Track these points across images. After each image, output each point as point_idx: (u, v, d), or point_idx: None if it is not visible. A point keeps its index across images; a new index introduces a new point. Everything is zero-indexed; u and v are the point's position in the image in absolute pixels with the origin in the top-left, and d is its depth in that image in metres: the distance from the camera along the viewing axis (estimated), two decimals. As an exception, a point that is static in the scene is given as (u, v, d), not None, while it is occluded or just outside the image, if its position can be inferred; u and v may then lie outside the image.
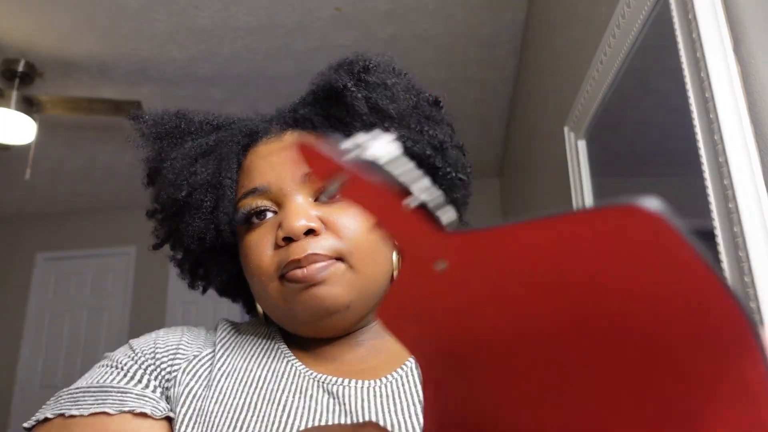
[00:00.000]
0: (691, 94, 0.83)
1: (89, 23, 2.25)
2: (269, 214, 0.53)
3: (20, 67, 2.42)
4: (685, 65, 0.85)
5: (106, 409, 0.46)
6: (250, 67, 2.59)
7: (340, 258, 0.49)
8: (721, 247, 0.76)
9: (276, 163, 0.54)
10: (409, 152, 0.54)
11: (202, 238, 0.56)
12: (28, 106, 2.48)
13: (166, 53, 2.46)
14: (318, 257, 0.48)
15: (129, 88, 2.69)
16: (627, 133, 1.33)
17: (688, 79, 0.84)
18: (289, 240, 0.50)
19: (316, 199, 0.52)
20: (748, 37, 0.75)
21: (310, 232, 0.49)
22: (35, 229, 4.25)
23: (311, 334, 0.53)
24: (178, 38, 2.36)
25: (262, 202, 0.52)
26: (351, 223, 0.51)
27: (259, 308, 0.58)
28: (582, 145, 1.50)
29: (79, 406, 0.46)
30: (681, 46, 0.86)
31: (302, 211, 0.50)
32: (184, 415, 0.47)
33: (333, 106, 0.56)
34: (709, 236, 0.78)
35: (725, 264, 0.75)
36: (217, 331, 0.57)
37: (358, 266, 0.50)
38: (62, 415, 0.46)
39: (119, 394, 0.47)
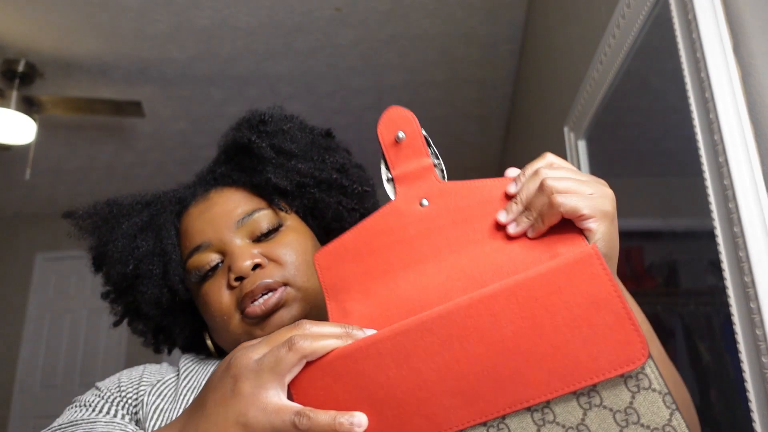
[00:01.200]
0: (690, 94, 0.83)
1: (89, 23, 2.25)
2: (219, 264, 0.60)
3: (20, 67, 2.42)
4: (684, 65, 0.85)
5: None
6: (250, 67, 2.59)
7: (286, 283, 0.57)
8: (721, 248, 0.76)
9: (210, 219, 0.61)
10: (318, 179, 0.64)
11: (158, 302, 0.62)
12: (28, 106, 2.48)
13: (166, 53, 2.46)
14: (269, 285, 0.56)
15: (129, 88, 2.69)
16: (627, 133, 1.33)
17: (687, 80, 0.84)
18: (240, 279, 0.57)
19: (254, 240, 0.60)
20: (748, 37, 0.75)
21: (257, 266, 0.57)
22: (35, 229, 4.25)
23: None
24: (178, 38, 2.36)
25: (209, 257, 0.59)
26: (288, 251, 0.59)
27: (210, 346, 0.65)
28: (582, 145, 1.50)
29: None
30: (681, 46, 0.86)
31: (245, 251, 0.58)
32: (153, 428, 0.52)
33: (244, 158, 0.64)
34: (708, 236, 0.78)
35: (725, 264, 0.75)
36: (181, 361, 0.63)
37: (303, 285, 0.58)
38: None
39: (89, 424, 0.51)
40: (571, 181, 0.43)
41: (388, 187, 0.48)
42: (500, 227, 0.43)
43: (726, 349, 0.85)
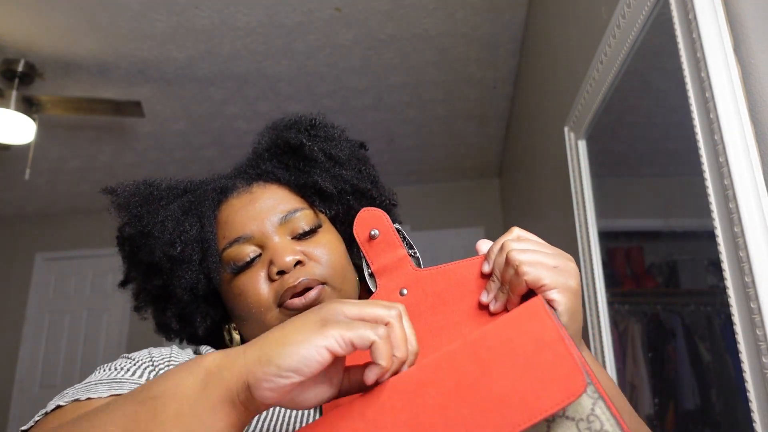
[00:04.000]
0: (691, 94, 0.83)
1: (89, 23, 2.25)
2: (256, 258, 0.61)
3: (20, 68, 2.42)
4: (685, 65, 0.85)
5: (126, 391, 0.49)
6: (250, 67, 2.59)
7: (324, 282, 0.60)
8: (722, 248, 0.75)
9: (253, 213, 0.63)
10: (356, 188, 0.67)
11: (194, 288, 0.63)
12: (28, 106, 2.48)
13: (166, 53, 2.46)
14: (309, 282, 0.58)
15: (129, 88, 2.69)
16: (627, 133, 1.33)
17: (688, 79, 0.84)
18: (281, 273, 0.59)
19: (293, 238, 0.62)
20: (749, 37, 0.75)
21: (298, 263, 0.59)
22: (35, 229, 4.25)
23: None
24: (178, 38, 2.36)
25: (248, 250, 0.61)
26: (326, 253, 0.62)
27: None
28: (582, 145, 1.50)
29: (95, 392, 0.49)
30: (681, 46, 0.86)
31: (288, 247, 0.60)
32: None
33: (291, 158, 0.67)
34: (709, 237, 0.78)
35: (725, 264, 0.75)
36: (201, 348, 0.64)
37: (338, 286, 0.61)
38: (77, 400, 0.48)
39: (132, 384, 0.52)
40: (536, 254, 0.48)
41: (370, 282, 0.51)
42: (478, 307, 0.46)
43: (726, 349, 0.85)
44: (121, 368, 0.55)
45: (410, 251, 0.51)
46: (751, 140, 0.73)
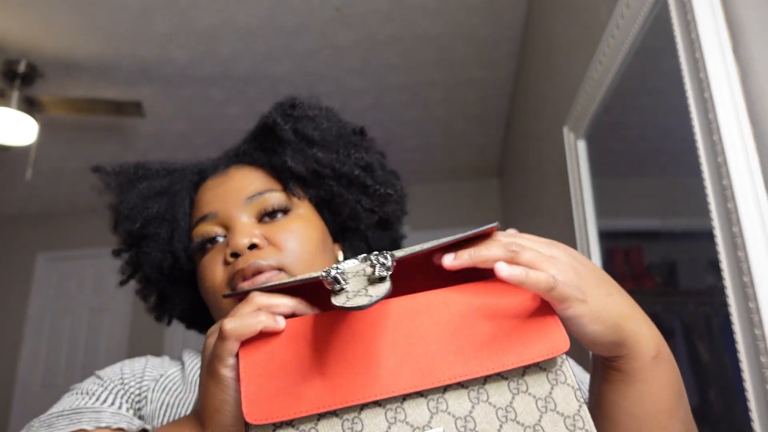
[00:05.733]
0: (689, 94, 0.83)
1: (90, 24, 2.25)
2: (220, 239, 0.60)
3: (21, 68, 2.42)
4: (683, 66, 0.85)
5: (84, 426, 0.48)
6: (250, 67, 2.59)
7: (281, 269, 0.56)
8: (720, 247, 0.76)
9: (221, 192, 0.61)
10: (338, 172, 0.63)
11: (160, 266, 0.62)
12: (29, 106, 2.48)
13: (167, 54, 2.46)
14: (261, 267, 0.55)
15: (129, 89, 2.70)
16: (626, 133, 1.33)
17: (686, 80, 0.84)
18: (236, 255, 0.57)
19: (260, 220, 0.60)
20: (747, 37, 0.75)
21: (254, 246, 0.57)
22: (36, 229, 4.25)
23: None
24: (178, 39, 2.37)
25: (212, 228, 0.60)
26: (291, 238, 0.58)
27: None
28: (582, 145, 1.50)
29: (55, 428, 0.47)
30: (680, 46, 0.86)
31: (246, 229, 0.58)
32: (162, 424, 0.51)
33: (267, 139, 0.64)
34: (708, 236, 0.79)
35: (724, 264, 0.75)
36: (184, 354, 0.63)
37: (299, 274, 0.56)
38: None
39: (94, 413, 0.50)
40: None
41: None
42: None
43: (725, 349, 0.85)
44: (87, 393, 0.53)
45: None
46: (749, 140, 0.73)
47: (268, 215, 0.60)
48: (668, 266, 1.17)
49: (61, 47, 2.38)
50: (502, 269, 0.36)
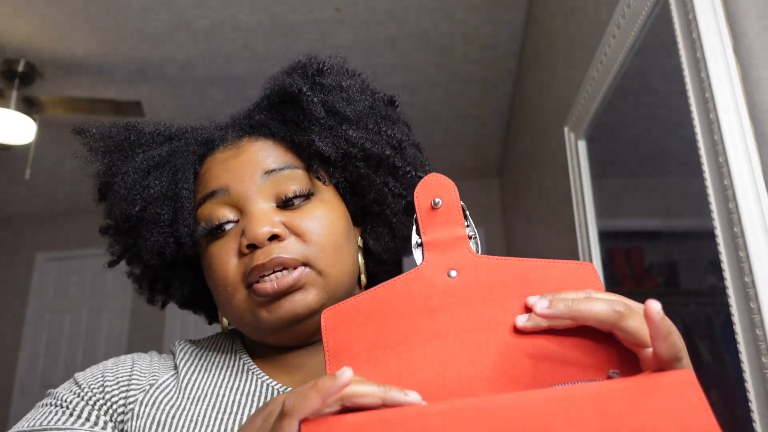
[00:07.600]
0: (691, 94, 0.83)
1: (89, 24, 2.25)
2: (230, 226, 0.51)
3: (20, 68, 2.42)
4: (685, 65, 0.85)
5: None
6: (250, 67, 2.59)
7: (306, 263, 0.48)
8: (722, 248, 0.76)
9: (234, 166, 0.52)
10: (368, 153, 0.53)
11: (161, 252, 0.54)
12: (28, 106, 2.48)
13: (166, 53, 2.46)
14: (284, 261, 0.47)
15: (129, 89, 2.70)
16: (627, 133, 1.33)
17: (688, 79, 0.84)
18: (253, 247, 0.48)
19: (278, 205, 0.51)
20: (748, 37, 0.75)
21: (275, 237, 0.48)
22: (35, 229, 4.25)
23: (276, 343, 0.52)
24: (178, 38, 2.36)
25: (221, 212, 0.50)
26: (316, 226, 0.50)
27: (224, 321, 0.57)
28: (582, 145, 1.50)
29: None
30: (681, 46, 0.86)
31: (265, 216, 0.49)
32: None
33: (289, 110, 0.54)
34: (709, 237, 0.78)
35: (725, 264, 0.75)
36: (176, 354, 0.55)
37: (325, 270, 0.49)
38: None
39: None
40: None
41: (417, 253, 0.44)
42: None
43: (726, 349, 0.85)
44: (61, 405, 0.47)
45: (471, 233, 0.44)
46: (750, 140, 0.73)
47: (288, 199, 0.51)
48: (669, 266, 1.16)
49: (60, 47, 2.38)
50: (655, 310, 0.29)
